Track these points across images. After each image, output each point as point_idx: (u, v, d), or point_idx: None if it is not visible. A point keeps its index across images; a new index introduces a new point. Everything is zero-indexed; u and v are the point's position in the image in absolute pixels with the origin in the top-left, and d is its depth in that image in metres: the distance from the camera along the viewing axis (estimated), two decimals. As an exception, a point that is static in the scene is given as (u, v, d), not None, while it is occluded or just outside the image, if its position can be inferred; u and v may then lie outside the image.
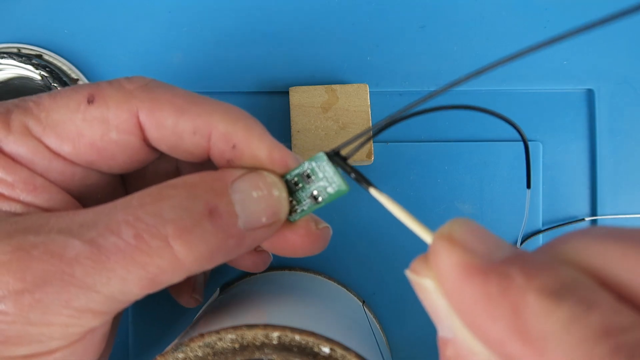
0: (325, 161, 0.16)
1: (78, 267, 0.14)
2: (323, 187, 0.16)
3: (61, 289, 0.14)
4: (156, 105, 0.16)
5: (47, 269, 0.14)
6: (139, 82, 0.17)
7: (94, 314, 0.15)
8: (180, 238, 0.14)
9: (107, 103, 0.16)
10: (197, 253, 0.15)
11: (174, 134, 0.16)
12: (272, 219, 0.16)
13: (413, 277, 0.13)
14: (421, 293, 0.13)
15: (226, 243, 0.15)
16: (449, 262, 0.11)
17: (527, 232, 0.27)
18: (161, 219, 0.14)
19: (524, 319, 0.10)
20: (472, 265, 0.11)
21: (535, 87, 0.27)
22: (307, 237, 0.17)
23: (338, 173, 0.16)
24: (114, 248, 0.14)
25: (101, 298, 0.14)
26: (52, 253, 0.14)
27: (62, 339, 0.15)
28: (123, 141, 0.16)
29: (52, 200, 0.16)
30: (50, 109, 0.16)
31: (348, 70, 0.27)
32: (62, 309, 0.14)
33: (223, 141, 0.16)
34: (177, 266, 0.15)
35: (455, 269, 0.11)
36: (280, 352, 0.16)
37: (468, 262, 0.11)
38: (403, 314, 0.27)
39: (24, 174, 0.16)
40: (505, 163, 0.27)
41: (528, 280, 0.10)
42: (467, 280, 0.11)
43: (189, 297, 0.24)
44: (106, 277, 0.14)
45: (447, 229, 0.12)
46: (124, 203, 0.15)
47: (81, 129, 0.16)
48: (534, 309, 0.10)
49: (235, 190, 0.15)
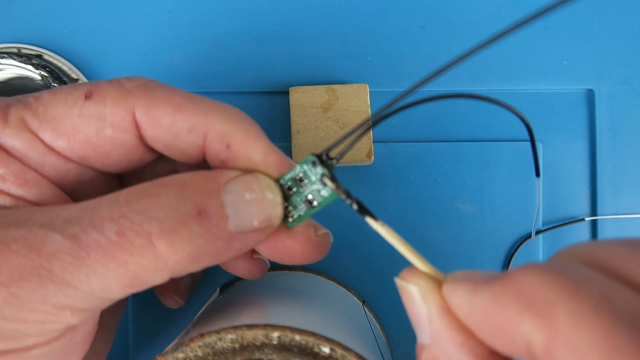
0: (315, 163, 0.16)
1: (57, 263, 0.14)
2: (317, 190, 0.16)
3: (38, 284, 0.14)
4: (153, 103, 0.16)
5: (24, 263, 0.14)
6: (138, 81, 0.16)
7: (72, 311, 0.14)
8: (164, 237, 0.14)
9: (104, 100, 0.16)
10: (182, 254, 0.14)
11: (170, 133, 0.16)
12: (265, 223, 0.16)
13: (401, 283, 0.14)
14: (406, 298, 0.14)
15: (214, 245, 0.15)
16: (457, 288, 0.12)
17: (527, 232, 0.27)
18: (146, 217, 0.14)
19: (529, 295, 0.10)
20: (475, 282, 0.12)
21: (535, 87, 0.27)
22: (306, 244, 0.17)
23: (331, 175, 0.16)
24: (94, 244, 0.14)
25: (80, 295, 0.14)
26: (31, 247, 0.14)
27: (39, 335, 0.14)
28: (118, 139, 0.16)
29: (42, 195, 0.16)
30: (48, 104, 0.16)
31: (348, 70, 0.27)
32: (38, 304, 0.14)
33: (218, 141, 0.16)
34: (160, 266, 0.14)
35: (464, 290, 0.12)
36: (280, 352, 0.16)
37: (472, 282, 0.12)
38: (403, 314, 0.27)
39: (15, 167, 0.16)
40: (505, 163, 0.27)
41: (525, 269, 0.11)
42: (475, 291, 0.12)
43: (169, 297, 0.23)
44: (85, 273, 0.14)
45: (449, 277, 0.13)
46: (110, 199, 0.15)
47: (77, 124, 0.16)
48: (537, 284, 0.10)
49: (228, 192, 0.15)
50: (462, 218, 0.27)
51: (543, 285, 0.10)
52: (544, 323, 0.10)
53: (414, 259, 0.14)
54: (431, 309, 0.13)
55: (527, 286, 0.11)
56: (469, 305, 0.12)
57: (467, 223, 0.27)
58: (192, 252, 0.14)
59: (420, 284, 0.13)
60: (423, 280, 0.13)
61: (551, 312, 0.10)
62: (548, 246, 0.27)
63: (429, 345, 0.13)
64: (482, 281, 0.12)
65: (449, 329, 0.13)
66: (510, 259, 0.27)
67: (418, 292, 0.13)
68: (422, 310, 0.13)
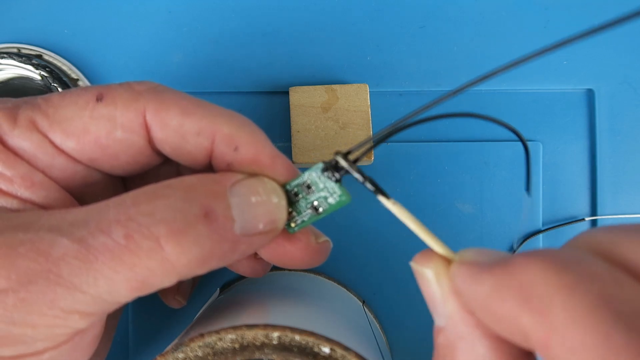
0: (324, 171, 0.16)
1: (65, 267, 0.13)
2: (324, 197, 0.16)
3: (46, 288, 0.13)
4: (163, 105, 0.16)
5: (32, 268, 0.13)
6: (148, 85, 0.17)
7: (80, 315, 0.14)
8: (172, 240, 0.14)
9: (115, 102, 0.16)
10: (190, 256, 0.14)
11: (178, 135, 0.16)
12: (270, 226, 0.16)
13: (416, 267, 0.14)
14: (421, 281, 0.14)
15: (220, 247, 0.15)
16: (462, 273, 0.12)
17: (527, 233, 0.27)
18: (153, 219, 0.14)
19: (529, 290, 0.10)
20: (479, 267, 0.12)
21: (535, 87, 0.27)
22: (306, 251, 0.17)
23: (339, 183, 0.16)
24: (102, 247, 0.14)
25: (88, 299, 0.14)
26: (39, 251, 0.14)
27: (48, 340, 0.14)
28: (128, 140, 0.16)
29: (49, 198, 0.16)
30: (58, 106, 0.16)
31: (348, 70, 0.27)
32: (47, 309, 0.14)
33: (226, 143, 0.16)
34: (168, 269, 0.14)
35: (467, 276, 0.12)
36: (280, 352, 0.16)
37: (476, 266, 0.12)
38: (403, 314, 0.27)
39: (23, 169, 0.16)
40: (505, 163, 0.27)
41: (528, 259, 0.11)
42: (477, 278, 0.12)
43: (172, 297, 0.23)
44: (93, 277, 0.14)
45: (458, 256, 0.13)
46: (117, 201, 0.15)
47: (87, 125, 0.16)
48: (537, 278, 0.10)
49: (234, 194, 0.15)
50: (462, 218, 0.27)
51: (543, 280, 0.10)
52: (541, 320, 0.10)
53: (427, 238, 0.14)
54: (444, 291, 0.13)
55: (527, 279, 0.10)
56: (471, 291, 0.12)
57: (467, 223, 0.27)
58: (199, 254, 0.14)
59: (433, 266, 0.13)
60: (436, 262, 0.13)
61: (549, 310, 0.10)
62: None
63: (444, 327, 0.13)
64: (486, 267, 0.12)
65: (462, 311, 0.13)
66: (510, 259, 0.27)
67: (432, 275, 0.13)
68: (436, 293, 0.13)
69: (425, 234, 0.14)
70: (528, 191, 0.21)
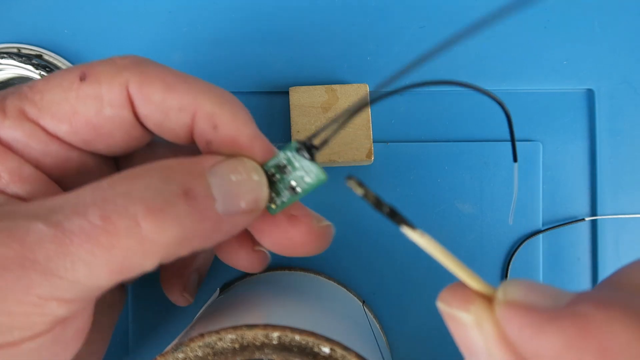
0: (298, 150, 0.16)
1: (40, 252, 0.13)
2: (300, 176, 0.16)
3: (21, 274, 0.13)
4: (146, 79, 0.16)
5: (5, 254, 0.13)
6: (131, 58, 0.16)
7: (58, 302, 0.14)
8: (150, 217, 0.13)
9: (99, 79, 0.16)
10: (170, 235, 0.14)
11: (160, 110, 0.16)
12: (252, 204, 0.16)
13: (446, 309, 0.12)
14: (454, 325, 0.12)
15: (202, 226, 0.14)
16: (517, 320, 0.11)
17: (527, 232, 0.27)
18: (130, 199, 0.13)
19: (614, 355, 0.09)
20: (540, 317, 0.10)
21: (535, 87, 0.27)
22: (309, 235, 0.17)
23: (315, 161, 0.16)
24: (78, 230, 0.13)
25: (66, 284, 0.13)
26: (14, 237, 0.13)
27: (25, 329, 0.14)
28: (117, 117, 0.16)
29: (38, 192, 0.16)
30: (44, 91, 0.16)
31: (348, 70, 0.27)
32: (22, 295, 0.13)
33: (206, 121, 0.16)
34: (148, 249, 0.14)
35: (526, 325, 0.10)
36: (280, 352, 0.16)
37: (535, 314, 0.10)
38: (403, 314, 0.27)
39: (12, 163, 0.16)
40: (505, 163, 0.27)
41: (606, 311, 0.09)
42: (541, 330, 0.10)
43: (179, 294, 0.23)
44: (70, 261, 0.13)
45: (501, 294, 0.11)
46: (93, 185, 0.14)
47: (75, 106, 0.16)
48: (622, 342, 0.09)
49: (213, 174, 0.15)
50: (462, 218, 0.27)
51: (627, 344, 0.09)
52: None
53: (462, 274, 0.12)
54: (488, 339, 0.11)
55: (610, 342, 0.09)
56: (533, 346, 0.10)
57: (467, 223, 0.27)
58: (179, 232, 0.14)
59: (473, 310, 0.11)
60: (476, 305, 0.11)
61: None
62: (548, 246, 0.27)
63: None
64: (550, 316, 0.10)
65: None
66: (510, 259, 0.27)
67: (472, 321, 0.11)
68: (476, 341, 0.11)
69: (459, 269, 0.12)
70: (515, 161, 0.20)
